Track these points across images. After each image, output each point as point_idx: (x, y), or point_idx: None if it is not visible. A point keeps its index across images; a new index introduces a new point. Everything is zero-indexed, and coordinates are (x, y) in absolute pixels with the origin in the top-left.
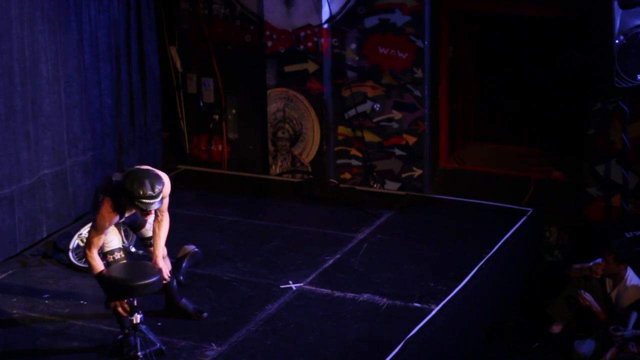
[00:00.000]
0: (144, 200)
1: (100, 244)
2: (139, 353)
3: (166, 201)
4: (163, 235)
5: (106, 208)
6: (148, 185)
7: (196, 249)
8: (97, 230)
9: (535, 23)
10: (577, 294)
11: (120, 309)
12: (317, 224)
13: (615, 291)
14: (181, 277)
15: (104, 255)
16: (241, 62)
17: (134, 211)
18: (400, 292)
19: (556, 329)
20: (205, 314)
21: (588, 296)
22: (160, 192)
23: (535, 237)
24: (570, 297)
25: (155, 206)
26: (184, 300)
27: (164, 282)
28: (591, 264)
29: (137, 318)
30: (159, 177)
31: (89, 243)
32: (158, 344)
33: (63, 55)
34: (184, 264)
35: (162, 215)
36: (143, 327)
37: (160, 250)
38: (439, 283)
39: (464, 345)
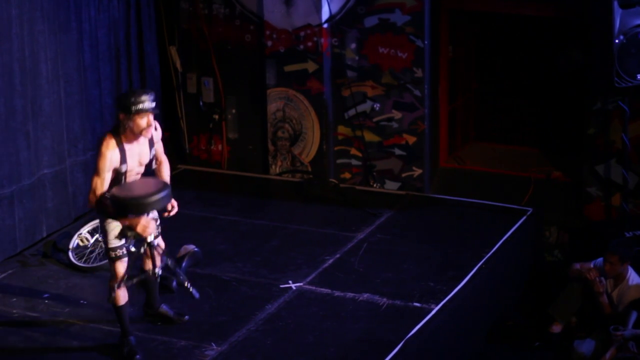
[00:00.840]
0: (140, 105)
1: (104, 188)
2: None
3: (160, 146)
4: (166, 172)
5: (106, 144)
6: (139, 92)
7: (196, 249)
8: (99, 172)
9: (535, 23)
10: (594, 279)
11: (146, 229)
12: (317, 224)
13: (617, 290)
14: (181, 277)
15: (107, 250)
16: (241, 61)
17: (133, 143)
18: (400, 292)
19: (556, 328)
20: (186, 317)
21: (603, 284)
22: (154, 98)
23: (535, 236)
24: (584, 285)
25: (152, 110)
26: (163, 307)
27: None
28: (592, 263)
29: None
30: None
31: (92, 189)
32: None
33: (63, 55)
34: (184, 264)
35: (160, 158)
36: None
37: (168, 177)
38: (439, 283)
39: (464, 345)
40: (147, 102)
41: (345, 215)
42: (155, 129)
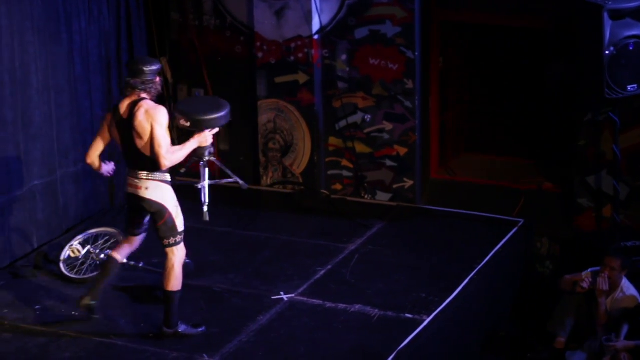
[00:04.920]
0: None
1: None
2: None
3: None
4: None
5: (165, 113)
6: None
7: (187, 260)
8: (167, 137)
9: (526, 34)
10: (600, 275)
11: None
12: (308, 235)
13: (610, 299)
14: None
15: (176, 235)
16: (232, 73)
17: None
18: (392, 303)
19: (560, 343)
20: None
21: (605, 284)
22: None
23: (526, 248)
24: (577, 296)
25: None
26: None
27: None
28: (582, 274)
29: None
30: None
31: (167, 152)
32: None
33: (53, 66)
34: None
35: None
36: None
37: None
38: (431, 294)
39: (456, 356)
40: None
41: (337, 227)
42: None
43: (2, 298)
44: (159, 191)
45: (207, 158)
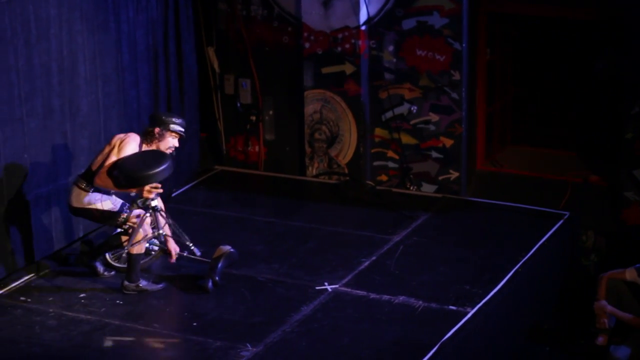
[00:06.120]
0: (178, 127)
1: None
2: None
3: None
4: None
5: (135, 139)
6: (178, 116)
7: (232, 250)
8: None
9: (574, 26)
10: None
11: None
12: (353, 226)
13: None
14: (217, 277)
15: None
16: (278, 63)
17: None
18: (436, 295)
19: (601, 340)
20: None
21: (607, 308)
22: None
23: (572, 241)
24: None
25: (183, 134)
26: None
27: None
28: (626, 270)
29: (156, 201)
30: None
31: (103, 175)
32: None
33: (101, 55)
34: (219, 264)
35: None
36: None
37: None
38: (475, 286)
39: (499, 349)
40: (183, 127)
41: (382, 218)
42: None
43: (48, 286)
44: (78, 197)
45: (146, 209)
